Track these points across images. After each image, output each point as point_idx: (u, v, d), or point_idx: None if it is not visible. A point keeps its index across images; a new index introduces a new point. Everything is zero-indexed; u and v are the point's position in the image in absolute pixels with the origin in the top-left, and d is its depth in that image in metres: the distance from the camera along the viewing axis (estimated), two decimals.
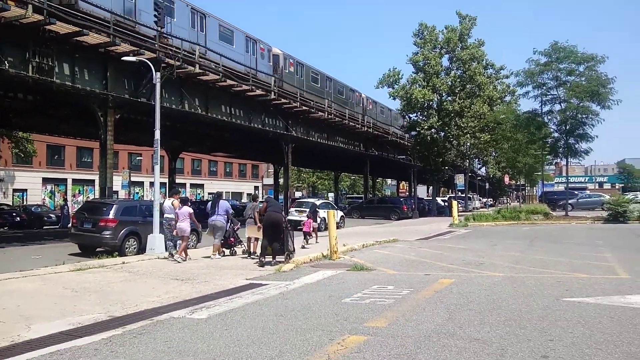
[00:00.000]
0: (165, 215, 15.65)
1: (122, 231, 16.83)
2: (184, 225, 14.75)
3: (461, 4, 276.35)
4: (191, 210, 15.32)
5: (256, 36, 32.11)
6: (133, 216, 17.67)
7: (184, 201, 15.79)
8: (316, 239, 19.59)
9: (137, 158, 57.34)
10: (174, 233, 14.93)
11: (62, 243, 20.81)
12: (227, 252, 15.86)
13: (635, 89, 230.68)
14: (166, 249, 15.77)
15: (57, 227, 32.94)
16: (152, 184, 23.93)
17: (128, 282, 11.01)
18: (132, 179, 43.61)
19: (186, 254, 14.83)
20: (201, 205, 31.49)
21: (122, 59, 19.88)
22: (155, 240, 16.53)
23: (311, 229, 19.46)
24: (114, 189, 24.03)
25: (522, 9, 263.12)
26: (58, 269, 12.66)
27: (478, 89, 43.89)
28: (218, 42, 28.18)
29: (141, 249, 16.98)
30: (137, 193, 56.86)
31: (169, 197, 16.42)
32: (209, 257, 15.06)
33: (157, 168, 18.01)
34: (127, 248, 16.86)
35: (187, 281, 11.03)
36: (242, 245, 16.02)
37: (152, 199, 18.05)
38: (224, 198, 18.16)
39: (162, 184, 38.37)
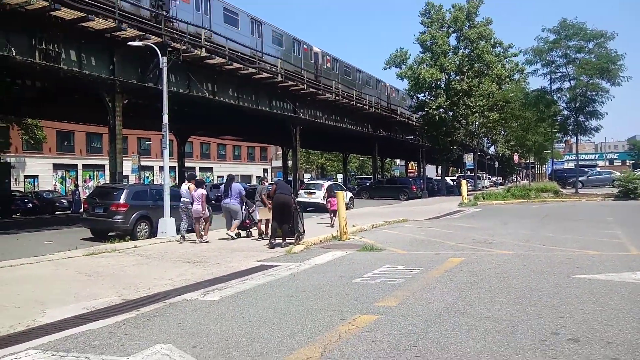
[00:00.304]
0: (182, 199, 15.74)
1: (134, 215, 17.01)
2: (200, 207, 15.02)
3: None
4: (205, 192, 15.57)
5: (300, 37, 35.96)
6: (144, 200, 17.85)
7: (199, 184, 16.00)
8: (332, 222, 18.77)
9: (146, 142, 57.54)
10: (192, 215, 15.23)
11: (74, 228, 21.04)
12: (242, 234, 16.00)
13: None
14: (178, 232, 15.93)
15: (69, 212, 33.21)
16: (161, 168, 24.07)
17: (140, 266, 11.14)
18: (142, 163, 43.68)
19: (198, 236, 15.04)
20: (213, 188, 31.67)
21: (128, 43, 19.80)
22: (167, 223, 16.70)
23: (336, 207, 18.65)
24: (124, 174, 24.17)
25: None
26: (71, 253, 12.81)
27: (486, 68, 43.58)
28: (271, 45, 32.37)
29: (153, 233, 17.17)
30: (147, 177, 57.15)
31: (186, 182, 16.57)
32: (222, 238, 15.28)
33: (166, 152, 18.10)
34: (138, 232, 17.06)
35: (198, 264, 11.14)
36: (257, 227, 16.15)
37: (162, 183, 18.20)
38: (236, 181, 18.20)
39: (172, 168, 38.55)
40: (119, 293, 8.24)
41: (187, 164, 47.45)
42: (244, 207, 15.93)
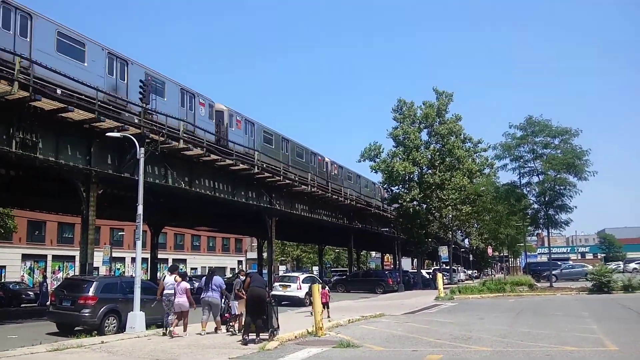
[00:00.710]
0: (166, 292, 15.30)
1: (102, 309, 16.46)
2: (183, 300, 14.76)
3: (439, 80, 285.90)
4: (188, 286, 15.35)
5: (315, 150, 42.73)
6: (113, 293, 17.35)
7: (182, 276, 15.77)
8: (327, 312, 18.71)
9: (119, 233, 56.65)
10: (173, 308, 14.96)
11: (40, 322, 20.13)
12: (223, 328, 15.56)
13: (612, 159, 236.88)
14: (164, 326, 15.54)
15: (36, 304, 31.99)
16: (133, 259, 23.72)
17: None
18: (114, 254, 42.77)
19: (185, 329, 14.90)
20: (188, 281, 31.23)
21: (107, 134, 19.95)
22: (136, 318, 16.15)
23: (328, 299, 19.19)
24: (94, 265, 23.59)
25: (496, 83, 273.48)
26: (34, 349, 12.24)
27: (457, 162, 44.62)
28: (296, 159, 38.75)
29: (121, 328, 16.53)
30: (118, 269, 55.77)
31: (170, 273, 16.11)
32: (198, 333, 14.94)
33: (139, 243, 17.85)
34: (106, 327, 16.43)
35: None
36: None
37: (134, 275, 17.78)
38: (216, 274, 18.04)
39: (144, 260, 37.88)
40: None
41: (160, 255, 46.57)
42: (223, 300, 15.68)
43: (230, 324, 15.65)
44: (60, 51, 20.56)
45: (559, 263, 56.71)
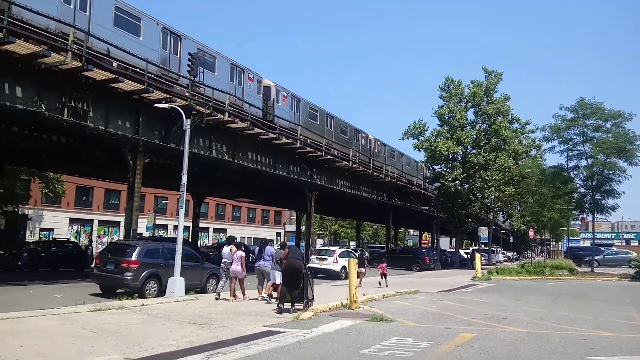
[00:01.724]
0: (224, 260, 16.60)
1: (144, 273, 16.97)
2: (239, 267, 15.98)
3: (488, 59, 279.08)
4: (243, 254, 16.39)
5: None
6: (155, 258, 17.83)
7: (237, 246, 16.76)
8: (383, 283, 22.76)
9: (163, 201, 57.98)
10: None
11: (84, 283, 20.96)
12: (274, 294, 16.01)
13: None
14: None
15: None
16: (176, 227, 24.32)
17: (146, 325, 11.04)
18: (157, 221, 44.03)
19: (243, 294, 16.24)
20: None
21: (155, 105, 20.37)
22: (176, 283, 16.64)
23: (386, 271, 23.58)
24: (138, 231, 24.32)
25: (549, 65, 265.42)
26: (78, 308, 12.78)
27: (503, 143, 43.77)
28: (339, 135, 38.97)
29: (161, 292, 17.06)
30: (161, 236, 57.27)
31: (227, 244, 17.35)
32: (256, 299, 16.03)
33: (182, 212, 18.27)
34: (147, 290, 16.96)
35: (204, 326, 11.02)
36: None
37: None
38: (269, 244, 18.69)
39: (186, 228, 38.75)
40: (122, 351, 8.15)
41: (201, 224, 47.61)
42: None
43: (265, 292, 16.11)
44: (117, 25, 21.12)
45: (602, 249, 55.34)
